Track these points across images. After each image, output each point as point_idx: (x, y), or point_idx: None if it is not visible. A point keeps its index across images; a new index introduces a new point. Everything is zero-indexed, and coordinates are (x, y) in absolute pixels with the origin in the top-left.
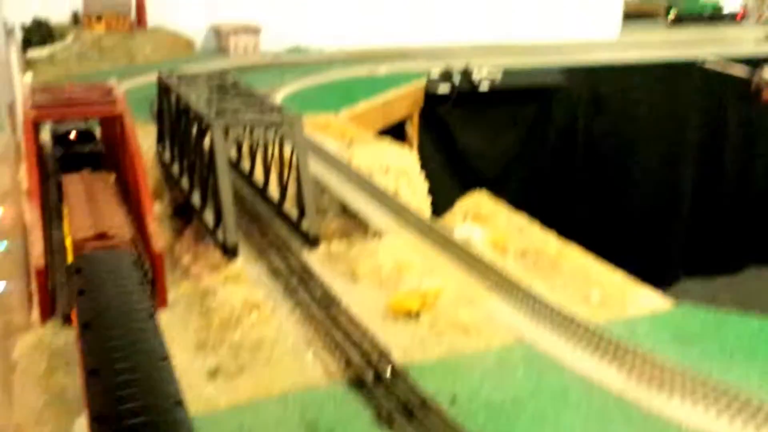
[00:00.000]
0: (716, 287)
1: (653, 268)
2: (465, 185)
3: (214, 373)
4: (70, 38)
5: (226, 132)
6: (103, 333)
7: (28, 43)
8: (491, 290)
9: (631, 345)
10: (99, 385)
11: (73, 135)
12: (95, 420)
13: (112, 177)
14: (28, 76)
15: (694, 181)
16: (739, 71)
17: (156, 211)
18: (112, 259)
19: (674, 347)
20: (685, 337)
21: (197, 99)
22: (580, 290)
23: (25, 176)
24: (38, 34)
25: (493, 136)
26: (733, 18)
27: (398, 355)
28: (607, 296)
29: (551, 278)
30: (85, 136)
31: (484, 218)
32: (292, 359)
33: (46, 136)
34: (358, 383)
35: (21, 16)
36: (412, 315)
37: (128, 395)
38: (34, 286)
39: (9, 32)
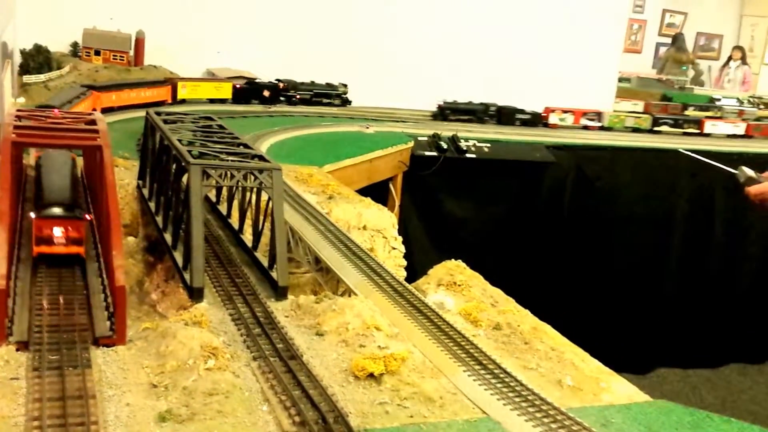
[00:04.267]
0: (695, 380)
1: (630, 353)
2: (444, 252)
3: (163, 417)
4: (67, 68)
5: (206, 175)
6: None
7: (26, 67)
8: (460, 362)
9: None
10: None
11: None
12: None
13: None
14: (21, 100)
15: (678, 268)
16: (722, 166)
17: (131, 244)
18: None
19: None
20: None
21: (180, 139)
22: (553, 372)
23: None
24: (37, 60)
25: (476, 205)
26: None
27: (356, 420)
28: (580, 381)
29: (524, 356)
30: None
31: (459, 287)
32: (245, 411)
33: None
34: None
35: (22, 41)
36: (375, 378)
37: None
38: None
39: (7, 55)
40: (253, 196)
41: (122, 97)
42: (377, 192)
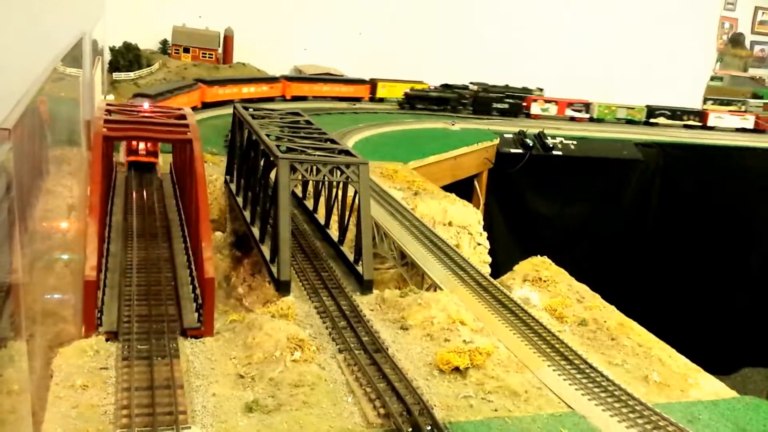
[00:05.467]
0: None
1: (715, 352)
2: (527, 249)
3: (250, 408)
4: (156, 65)
5: (293, 169)
6: None
7: (116, 65)
8: (545, 357)
9: (690, 431)
10: None
11: None
12: None
13: None
14: (111, 97)
15: (762, 268)
16: None
17: (218, 239)
18: None
19: None
20: (747, 430)
21: (268, 134)
22: (639, 368)
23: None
24: (126, 57)
25: (562, 203)
26: None
27: (441, 413)
28: (667, 377)
29: (609, 352)
30: None
31: (545, 283)
32: (330, 402)
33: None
34: None
35: (112, 39)
36: (459, 372)
37: None
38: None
39: (97, 53)
40: (340, 191)
41: (314, 89)
42: (462, 189)
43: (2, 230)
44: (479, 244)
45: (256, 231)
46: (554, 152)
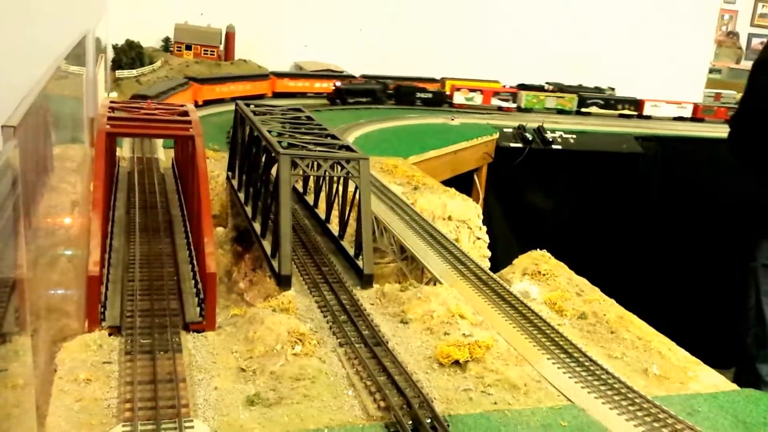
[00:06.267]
0: None
1: (714, 345)
2: (527, 243)
3: (251, 401)
4: (158, 62)
5: (294, 165)
6: None
7: (118, 62)
8: (544, 350)
9: (690, 423)
10: None
11: None
12: None
13: None
14: (114, 95)
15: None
16: None
17: (220, 234)
18: None
19: None
20: (748, 423)
21: (270, 130)
22: (639, 361)
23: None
24: (129, 55)
25: (561, 197)
26: None
27: (440, 405)
28: (667, 370)
29: (609, 345)
30: None
31: (544, 277)
32: (331, 396)
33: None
34: (395, 429)
35: (115, 37)
36: (459, 365)
37: None
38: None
39: (100, 50)
40: (340, 186)
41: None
42: (461, 183)
43: (8, 226)
44: (479, 238)
45: (257, 226)
46: (554, 146)
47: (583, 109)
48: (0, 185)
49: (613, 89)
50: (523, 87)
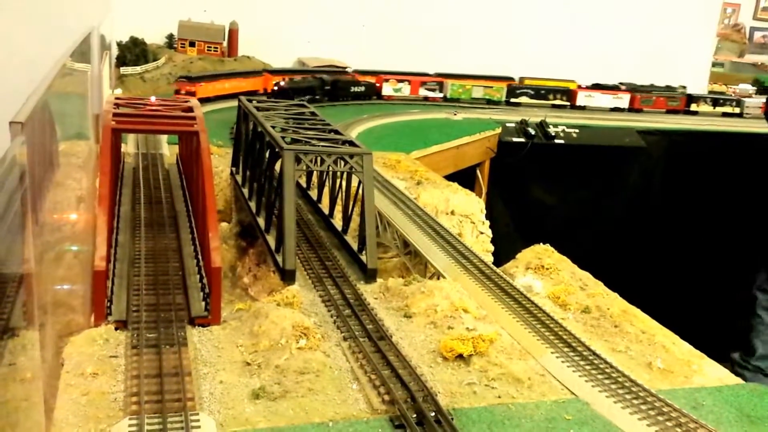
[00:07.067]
0: None
1: (718, 340)
2: (530, 237)
3: (256, 394)
4: (162, 59)
5: (298, 160)
6: None
7: (123, 59)
8: (548, 344)
9: (694, 417)
10: None
11: None
12: None
13: None
14: (118, 91)
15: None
16: None
17: (224, 230)
18: None
19: (739, 426)
20: (752, 416)
21: (274, 126)
22: (643, 354)
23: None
24: (133, 52)
25: (564, 191)
26: None
27: (444, 399)
28: (671, 364)
29: (613, 339)
30: None
31: (547, 271)
32: (335, 389)
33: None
34: (400, 422)
35: (119, 34)
36: (463, 359)
37: None
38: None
39: (105, 48)
40: (344, 181)
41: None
42: (464, 178)
43: (16, 221)
44: (482, 233)
45: (261, 221)
46: (556, 141)
47: (513, 100)
48: (8, 181)
49: (684, 87)
50: (449, 76)
